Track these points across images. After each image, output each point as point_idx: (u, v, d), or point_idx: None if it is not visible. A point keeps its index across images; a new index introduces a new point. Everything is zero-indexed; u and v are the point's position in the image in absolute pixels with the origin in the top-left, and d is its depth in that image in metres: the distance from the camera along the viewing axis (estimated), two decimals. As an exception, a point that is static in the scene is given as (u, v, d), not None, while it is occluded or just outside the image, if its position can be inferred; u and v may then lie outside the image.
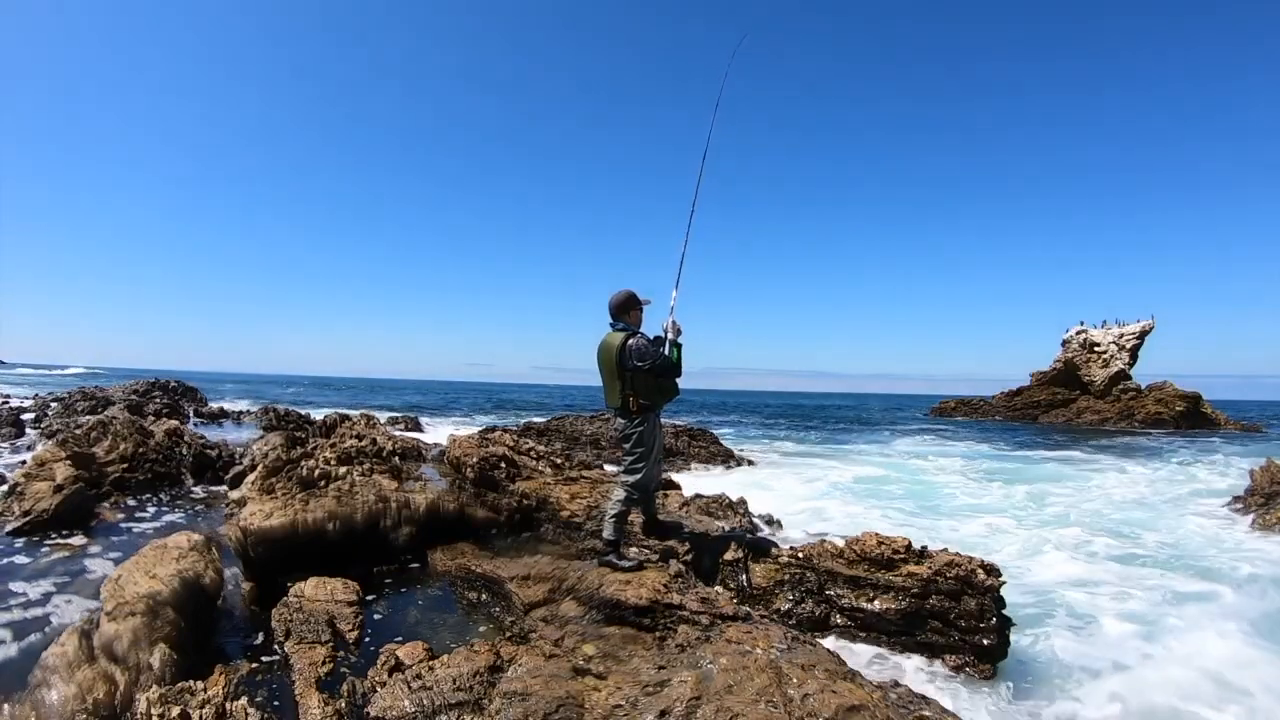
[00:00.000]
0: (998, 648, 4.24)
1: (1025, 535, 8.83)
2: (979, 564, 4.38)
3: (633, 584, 3.91)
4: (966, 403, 55.56)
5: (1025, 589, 6.13)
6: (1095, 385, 45.26)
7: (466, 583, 4.71)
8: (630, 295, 4.50)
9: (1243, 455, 20.36)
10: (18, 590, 4.52)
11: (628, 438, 4.45)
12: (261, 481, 6.13)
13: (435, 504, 5.67)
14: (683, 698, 2.91)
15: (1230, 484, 12.79)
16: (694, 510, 5.96)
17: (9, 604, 4.30)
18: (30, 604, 4.33)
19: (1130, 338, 45.65)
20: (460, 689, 3.06)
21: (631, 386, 4.33)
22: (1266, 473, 9.97)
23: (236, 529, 4.86)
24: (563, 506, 5.85)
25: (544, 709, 2.93)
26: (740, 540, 4.83)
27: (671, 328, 4.41)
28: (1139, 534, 8.93)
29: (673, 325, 4.41)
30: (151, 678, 3.10)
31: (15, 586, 4.59)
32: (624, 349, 4.29)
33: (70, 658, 3.08)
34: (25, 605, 4.30)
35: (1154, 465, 18.24)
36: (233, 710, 2.86)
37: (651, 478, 4.59)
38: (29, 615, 4.14)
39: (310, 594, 4.14)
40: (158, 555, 4.08)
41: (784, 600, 4.44)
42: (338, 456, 6.76)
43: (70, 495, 6.31)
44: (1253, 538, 8.42)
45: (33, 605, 4.31)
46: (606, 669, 3.29)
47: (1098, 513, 10.64)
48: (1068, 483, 14.44)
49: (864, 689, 3.01)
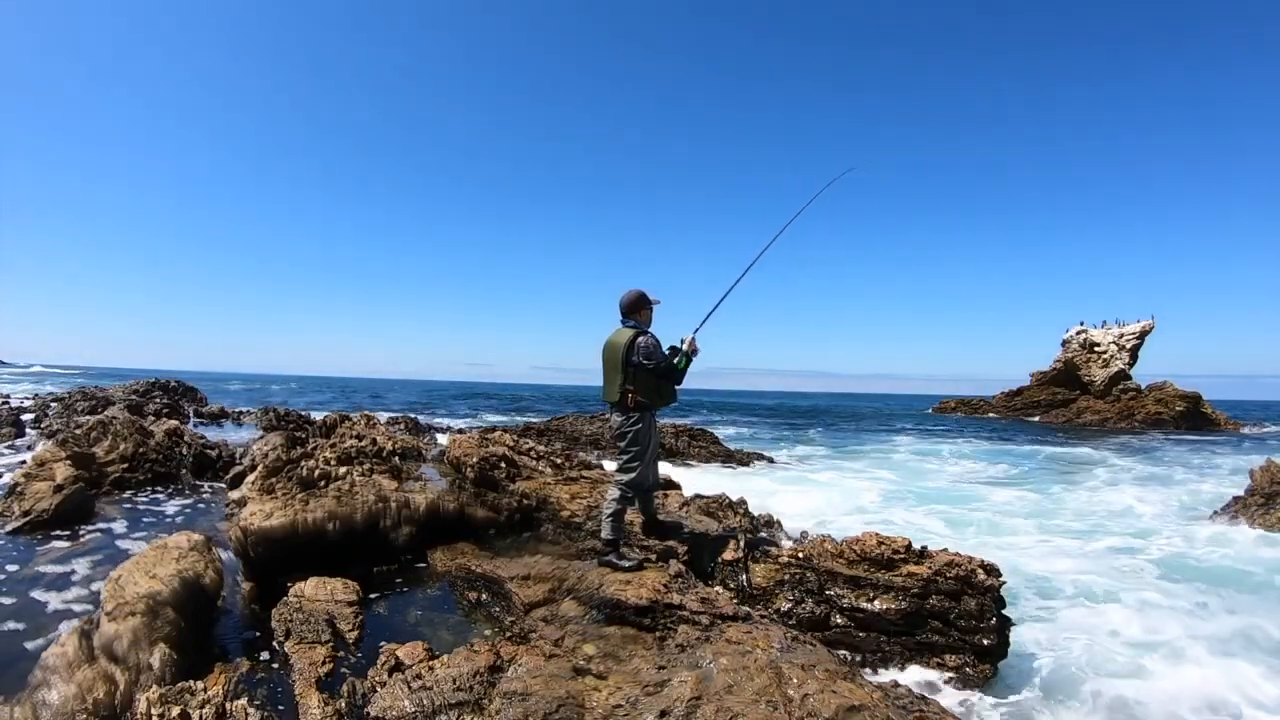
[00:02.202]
0: (998, 648, 4.24)
1: (1025, 535, 8.84)
2: (979, 564, 4.38)
3: (633, 584, 3.91)
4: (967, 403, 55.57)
5: (1025, 589, 6.13)
6: (1095, 385, 45.28)
7: (466, 583, 4.71)
8: (641, 295, 4.54)
9: (1243, 455, 20.36)
10: (18, 590, 4.52)
11: (623, 435, 4.45)
12: (262, 481, 6.13)
13: (435, 504, 5.66)
14: (683, 698, 2.91)
15: (1230, 484, 12.78)
16: (694, 510, 5.95)
17: (9, 604, 4.30)
18: (30, 604, 4.33)
19: (1130, 338, 45.67)
20: (460, 689, 3.06)
21: (632, 382, 4.34)
22: (1266, 473, 9.96)
23: (237, 529, 4.86)
24: (563, 506, 5.85)
25: (544, 709, 2.93)
26: (740, 540, 4.83)
27: (689, 344, 4.50)
28: (1139, 535, 8.93)
29: (692, 342, 4.51)
30: (151, 678, 3.10)
31: (15, 587, 4.59)
32: (632, 344, 4.33)
33: (70, 658, 3.08)
34: (25, 605, 4.30)
35: (1154, 466, 18.25)
36: (233, 710, 2.86)
37: (646, 477, 4.59)
38: (29, 615, 4.14)
39: (310, 594, 4.14)
40: (158, 555, 4.08)
41: (784, 600, 4.44)
42: (338, 457, 6.76)
43: (70, 495, 6.31)
44: (1253, 539, 8.42)
45: (33, 605, 4.31)
46: (607, 669, 3.29)
47: (1097, 513, 10.65)
48: (1067, 483, 14.44)
49: (864, 689, 3.01)
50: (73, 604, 4.37)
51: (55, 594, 4.51)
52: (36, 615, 4.16)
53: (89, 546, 5.57)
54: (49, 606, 4.31)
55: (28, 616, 4.13)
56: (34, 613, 4.20)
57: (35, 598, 4.43)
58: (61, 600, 4.42)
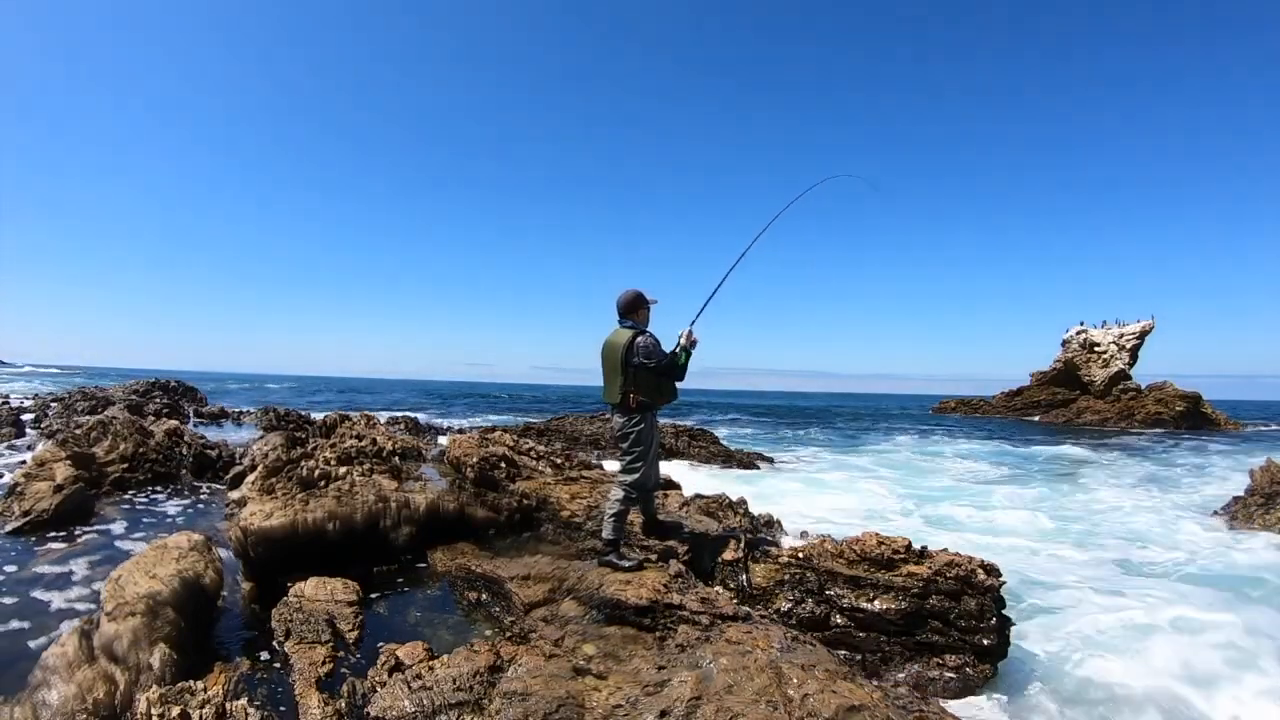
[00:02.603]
0: (998, 648, 4.24)
1: (1025, 535, 8.84)
2: (979, 564, 4.38)
3: (633, 584, 3.91)
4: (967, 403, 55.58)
5: (1025, 589, 6.12)
6: (1095, 385, 45.28)
7: (466, 583, 4.71)
8: (638, 294, 4.54)
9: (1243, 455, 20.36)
10: (18, 590, 4.53)
11: (625, 436, 4.45)
12: (262, 481, 6.13)
13: (435, 504, 5.67)
14: (683, 698, 2.91)
15: (1230, 485, 12.78)
16: (694, 510, 5.95)
17: (9, 604, 4.30)
18: (30, 604, 4.33)
19: (1130, 338, 45.67)
20: (460, 689, 3.06)
21: (633, 383, 4.34)
22: (1266, 473, 9.95)
23: (237, 529, 4.86)
24: (563, 506, 5.85)
25: (544, 709, 2.93)
26: (740, 540, 4.83)
27: (686, 336, 4.49)
28: (1139, 536, 8.93)
29: (688, 334, 4.50)
30: (151, 678, 3.10)
31: (15, 587, 4.59)
32: (631, 345, 4.32)
33: (70, 658, 3.08)
34: (25, 605, 4.30)
35: (1154, 466, 18.24)
36: (233, 710, 2.86)
37: (649, 477, 4.59)
38: (29, 615, 4.14)
39: (310, 594, 4.14)
40: (158, 555, 4.08)
41: (784, 600, 4.44)
42: (338, 457, 6.76)
43: (70, 495, 6.32)
44: (1252, 539, 8.41)
45: (33, 605, 4.31)
46: (607, 669, 3.29)
47: (1097, 514, 10.64)
48: (1067, 483, 14.44)
49: (864, 689, 3.01)
50: (73, 604, 4.37)
51: (55, 594, 4.51)
52: (36, 615, 4.16)
53: (89, 546, 5.57)
54: (49, 606, 4.31)
55: (28, 616, 4.13)
56: (34, 612, 4.20)
57: (35, 597, 4.43)
58: (61, 600, 4.42)
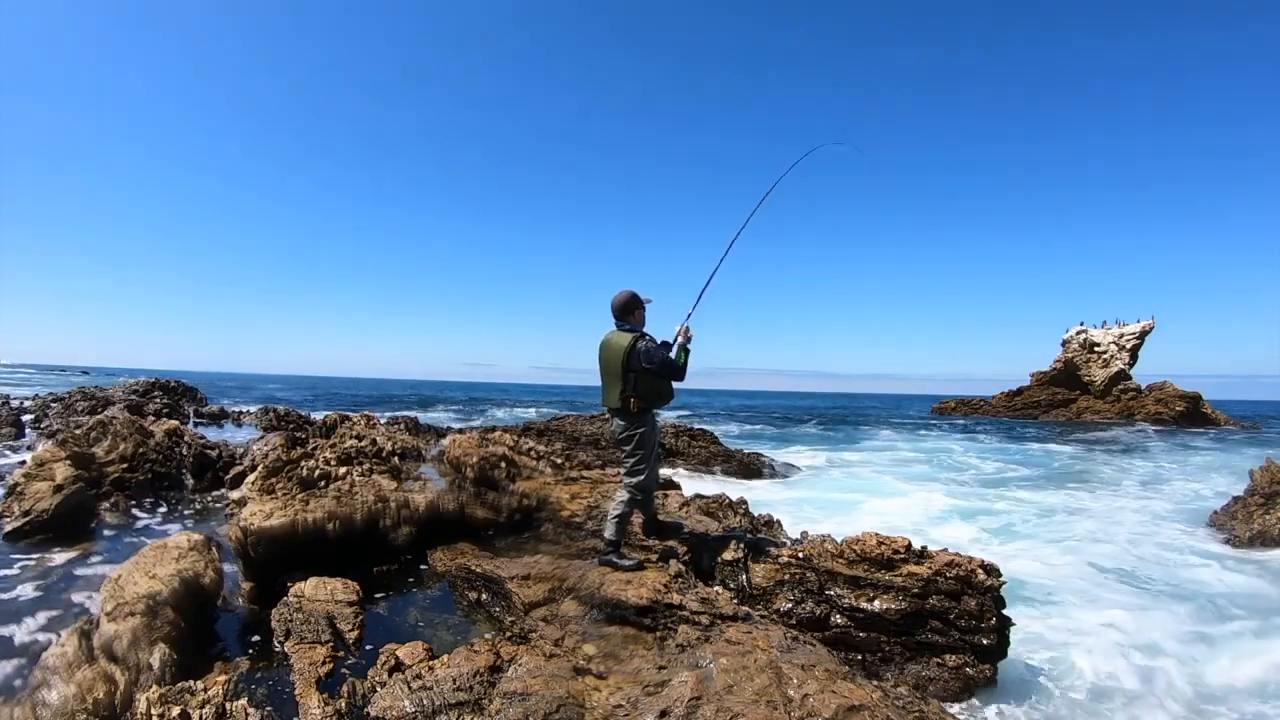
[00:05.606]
0: (997, 648, 4.23)
1: (1025, 535, 8.84)
2: (979, 564, 4.38)
3: (633, 584, 3.91)
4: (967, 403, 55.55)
5: (1025, 589, 6.13)
6: (1095, 385, 45.29)
7: (466, 582, 4.71)
8: (633, 295, 4.49)
9: (1242, 455, 20.36)
10: (18, 590, 4.53)
11: (629, 439, 4.44)
12: (262, 481, 6.13)
13: (435, 504, 5.66)
14: (683, 698, 2.91)
15: (1230, 485, 12.79)
16: (694, 510, 5.95)
17: (9, 604, 4.30)
18: (30, 604, 4.33)
19: (1130, 338, 45.68)
20: (460, 689, 3.06)
21: (635, 388, 4.32)
22: (1266, 473, 9.95)
23: (237, 529, 4.86)
24: (563, 506, 5.85)
25: (544, 709, 2.93)
26: (740, 540, 4.83)
27: (684, 333, 4.48)
28: (1139, 536, 8.94)
29: (685, 331, 4.49)
30: (151, 677, 3.10)
31: (15, 587, 4.59)
32: (633, 350, 4.29)
33: (70, 658, 3.08)
34: (25, 606, 4.30)
35: (1154, 466, 18.25)
36: (232, 710, 2.86)
37: (653, 478, 4.59)
38: (29, 616, 4.14)
39: (310, 594, 4.14)
40: (158, 555, 4.08)
41: (784, 600, 4.43)
42: (338, 457, 6.76)
43: (70, 495, 6.31)
44: (1251, 539, 8.41)
45: (33, 605, 4.31)
46: (607, 669, 3.29)
47: (1097, 513, 10.65)
48: (1067, 483, 14.44)
49: (864, 689, 3.00)
50: (72, 604, 4.37)
51: (55, 594, 4.51)
52: (36, 615, 4.16)
53: (89, 547, 5.57)
54: (49, 606, 4.31)
55: (28, 616, 4.13)
56: (34, 612, 4.20)
57: (35, 597, 4.43)
58: (61, 600, 4.42)
